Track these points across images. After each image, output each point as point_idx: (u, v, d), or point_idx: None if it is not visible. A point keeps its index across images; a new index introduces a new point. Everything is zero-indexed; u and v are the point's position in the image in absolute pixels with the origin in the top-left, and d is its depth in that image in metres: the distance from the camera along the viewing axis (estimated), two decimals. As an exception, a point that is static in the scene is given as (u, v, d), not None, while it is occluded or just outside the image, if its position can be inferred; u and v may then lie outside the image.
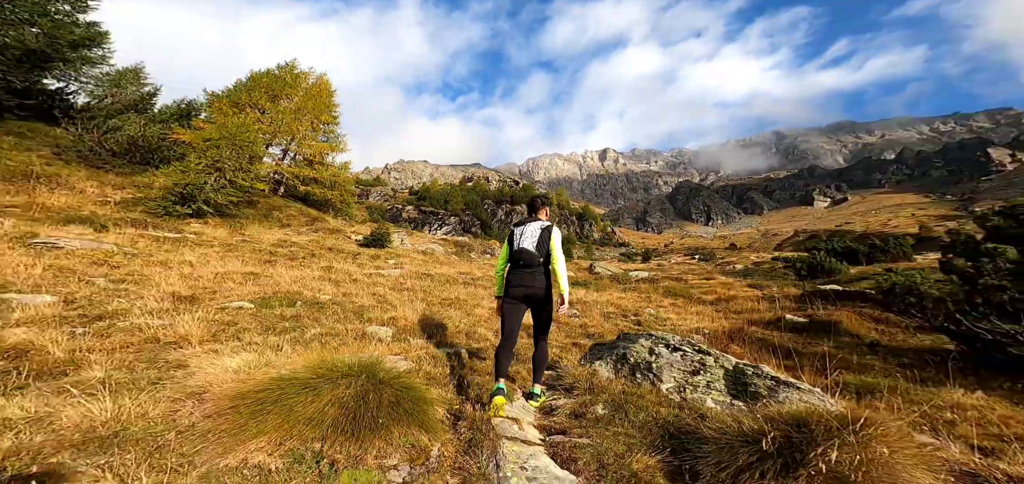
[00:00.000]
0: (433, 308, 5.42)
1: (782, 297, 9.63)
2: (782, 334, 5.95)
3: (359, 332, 3.49)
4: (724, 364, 2.67)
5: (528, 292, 2.75)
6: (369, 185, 77.59)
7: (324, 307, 4.22)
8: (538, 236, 2.75)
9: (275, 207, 18.40)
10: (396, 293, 5.89)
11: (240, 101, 24.11)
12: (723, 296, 10.72)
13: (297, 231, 15.28)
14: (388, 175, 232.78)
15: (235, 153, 16.20)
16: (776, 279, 17.46)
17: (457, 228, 63.33)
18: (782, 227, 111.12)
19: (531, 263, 2.72)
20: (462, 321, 4.84)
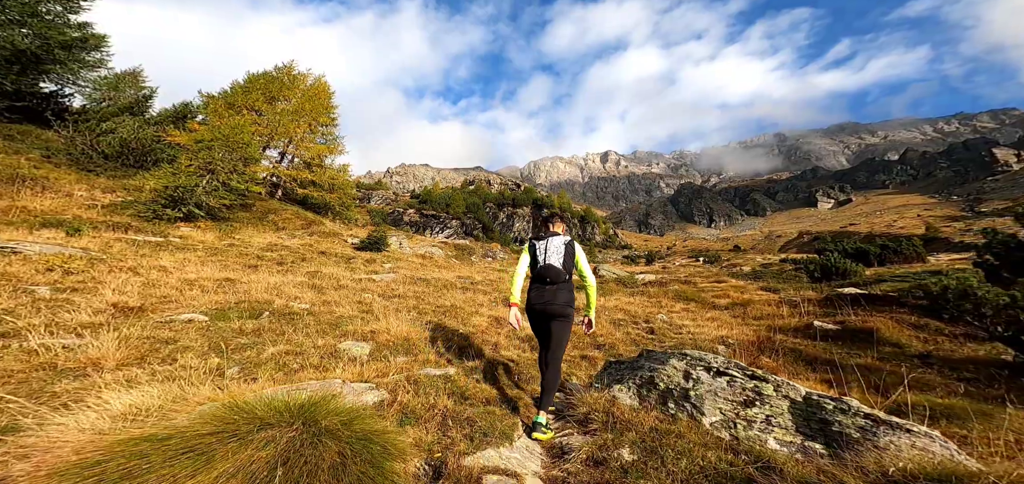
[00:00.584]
0: (425, 317, 4.86)
1: (803, 301, 8.99)
2: (814, 343, 5.34)
3: (329, 349, 2.93)
4: (789, 394, 2.07)
5: (548, 308, 2.70)
6: (370, 189, 77.48)
7: (296, 318, 3.67)
8: (564, 252, 2.75)
9: (271, 210, 17.93)
10: (385, 301, 5.34)
11: (236, 103, 23.78)
12: (737, 300, 10.08)
13: (292, 234, 14.79)
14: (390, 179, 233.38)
15: (228, 155, 15.75)
16: (788, 282, 16.76)
17: (458, 231, 62.99)
18: (785, 229, 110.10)
19: (557, 280, 2.70)
20: (457, 333, 4.27)
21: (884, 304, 7.64)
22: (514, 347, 4.56)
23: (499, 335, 4.77)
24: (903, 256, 24.57)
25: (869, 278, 14.26)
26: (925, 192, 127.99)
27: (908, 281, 12.36)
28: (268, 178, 24.39)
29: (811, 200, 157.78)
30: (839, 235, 61.26)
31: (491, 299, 7.78)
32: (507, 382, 3.20)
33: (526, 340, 4.83)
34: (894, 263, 22.34)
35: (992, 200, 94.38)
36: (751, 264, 33.67)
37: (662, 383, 2.38)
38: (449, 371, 2.92)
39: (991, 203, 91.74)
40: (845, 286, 12.94)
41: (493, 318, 5.61)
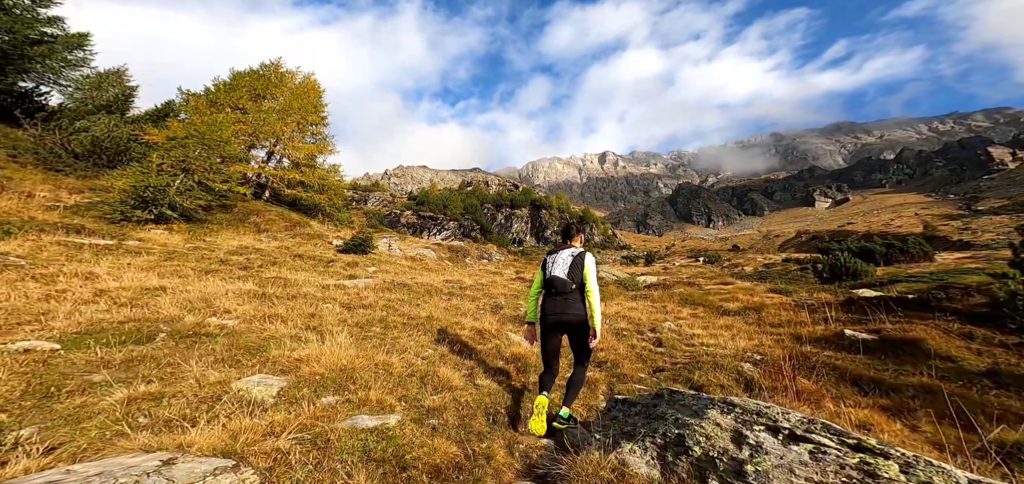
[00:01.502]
0: (390, 334, 4.05)
1: (820, 305, 8.23)
2: (852, 357, 4.56)
3: (217, 391, 2.10)
4: (935, 481, 1.20)
5: (561, 319, 2.74)
6: (367, 190, 76.90)
7: (204, 341, 2.85)
8: (570, 263, 2.75)
9: (254, 212, 17.07)
10: (346, 312, 4.54)
11: (219, 101, 22.94)
12: (748, 303, 9.32)
13: (274, 237, 13.94)
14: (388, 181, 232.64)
15: (205, 153, 14.90)
16: (795, 282, 16.07)
17: (456, 233, 62.35)
18: (783, 228, 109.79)
19: (563, 290, 2.71)
20: (420, 357, 3.46)
21: (914, 308, 6.89)
22: (498, 368, 3.74)
23: (482, 354, 3.96)
24: (910, 255, 23.85)
25: (882, 278, 13.53)
26: (922, 191, 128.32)
27: (925, 282, 11.60)
28: (254, 179, 23.54)
29: (808, 199, 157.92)
30: (837, 234, 60.78)
31: (479, 307, 6.97)
32: (482, 426, 2.40)
33: (511, 360, 4.03)
34: (900, 262, 21.67)
35: (989, 199, 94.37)
36: (752, 264, 33.03)
37: (698, 447, 1.58)
38: (389, 420, 2.10)
39: (988, 201, 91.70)
40: (859, 287, 12.20)
41: (477, 331, 4.80)
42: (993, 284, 9.71)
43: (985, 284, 10.00)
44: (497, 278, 12.58)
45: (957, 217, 79.56)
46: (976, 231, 57.48)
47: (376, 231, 34.98)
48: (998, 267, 13.59)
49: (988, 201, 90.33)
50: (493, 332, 4.80)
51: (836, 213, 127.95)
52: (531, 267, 19.07)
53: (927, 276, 12.47)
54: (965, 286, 10.06)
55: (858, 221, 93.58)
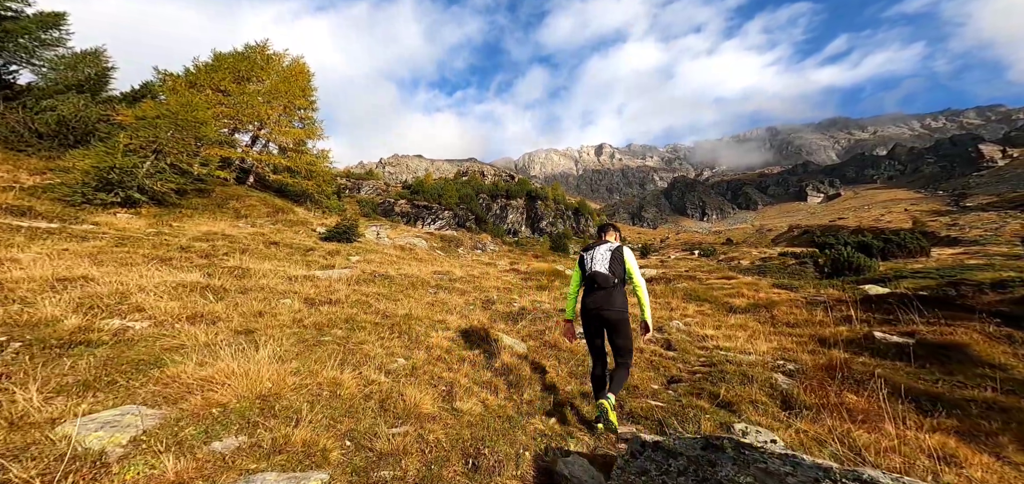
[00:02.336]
0: (355, 337, 3.39)
1: (833, 302, 7.72)
2: (891, 364, 4.01)
3: (25, 443, 1.37)
4: None
5: (601, 313, 2.71)
6: (361, 179, 75.61)
7: (76, 353, 2.11)
8: (610, 257, 2.78)
9: (234, 197, 16.13)
10: (309, 310, 3.86)
11: (199, 82, 21.75)
12: (755, 299, 8.80)
13: (253, 223, 13.10)
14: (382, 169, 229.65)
15: (179, 134, 13.91)
16: (794, 277, 15.69)
17: (451, 222, 61.63)
18: (776, 222, 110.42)
19: (604, 285, 2.72)
20: (386, 370, 2.79)
21: (935, 307, 6.37)
22: (485, 382, 3.10)
23: (466, 363, 3.32)
24: (907, 250, 23.61)
25: (886, 273, 13.14)
26: (912, 187, 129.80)
27: (932, 278, 11.18)
28: (237, 163, 22.46)
29: (801, 194, 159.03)
30: (828, 229, 60.97)
31: (468, 302, 6.32)
32: (459, 476, 1.76)
33: (502, 371, 3.39)
34: (898, 257, 21.43)
35: (977, 195, 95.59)
36: (748, 258, 32.80)
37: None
38: (310, 481, 1.41)
39: (976, 198, 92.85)
40: (863, 282, 11.77)
41: (462, 333, 4.16)
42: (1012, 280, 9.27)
43: (998, 280, 9.57)
44: (490, 269, 11.94)
45: (945, 213, 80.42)
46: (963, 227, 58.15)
47: (369, 219, 34.08)
48: (999, 264, 13.25)
49: (977, 197, 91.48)
50: (482, 333, 4.17)
51: (828, 208, 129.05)
52: (525, 258, 18.46)
53: (933, 272, 12.07)
54: (977, 283, 9.61)
55: (849, 216, 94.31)
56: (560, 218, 74.53)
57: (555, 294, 8.46)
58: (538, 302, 7.01)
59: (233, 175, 21.04)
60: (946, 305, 6.95)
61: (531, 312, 6.09)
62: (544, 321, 5.57)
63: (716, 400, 3.08)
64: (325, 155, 26.11)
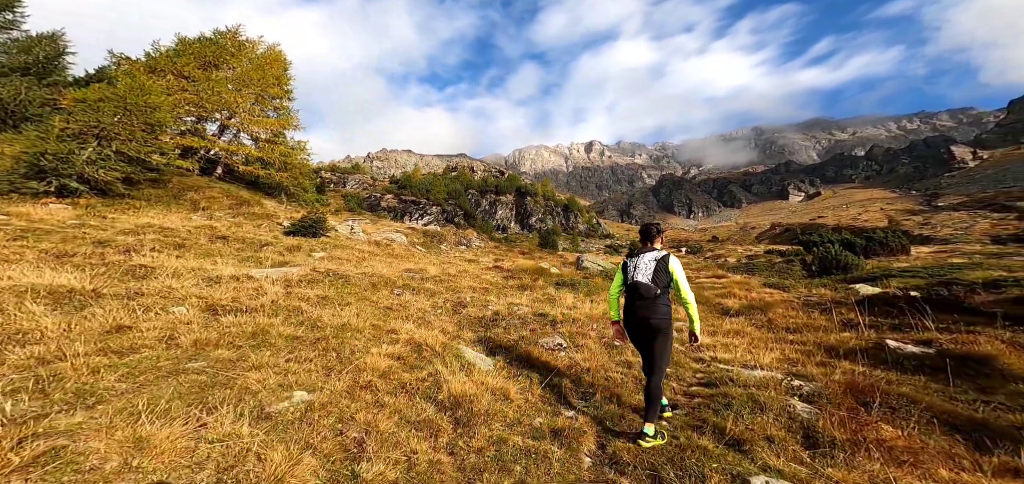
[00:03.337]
0: (250, 360, 2.61)
1: (829, 304, 7.27)
2: (913, 379, 3.45)
3: None
4: None
5: (643, 321, 2.72)
6: (347, 172, 73.86)
7: None
8: (653, 268, 2.74)
9: (194, 187, 14.90)
10: (207, 321, 3.06)
11: (160, 67, 20.29)
12: (747, 300, 8.33)
13: (210, 215, 11.99)
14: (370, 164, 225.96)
15: (127, 119, 12.63)
16: (781, 274, 15.48)
17: (438, 218, 60.62)
18: (759, 220, 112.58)
19: (647, 295, 2.71)
20: (259, 419, 1.98)
21: (945, 309, 5.93)
22: (420, 422, 2.38)
23: (402, 393, 2.58)
24: (889, 249, 23.84)
25: (874, 272, 12.94)
26: (887, 187, 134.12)
27: (921, 277, 10.93)
28: (202, 153, 21.02)
29: (783, 193, 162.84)
30: (808, 227, 62.22)
31: (435, 305, 5.57)
32: None
33: (448, 405, 2.66)
34: (880, 255, 21.59)
35: (949, 195, 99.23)
36: (734, 255, 32.91)
37: None
38: None
39: (948, 198, 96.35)
40: (851, 281, 11.49)
41: (413, 347, 3.42)
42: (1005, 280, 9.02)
43: (990, 280, 9.32)
44: (471, 267, 11.19)
45: (918, 212, 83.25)
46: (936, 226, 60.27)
47: (351, 213, 32.85)
48: (985, 262, 13.20)
49: (948, 197, 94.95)
50: (437, 348, 3.45)
51: (808, 206, 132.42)
52: (511, 255, 17.77)
53: (921, 271, 11.86)
54: (969, 282, 9.33)
55: (828, 215, 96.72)
56: (549, 215, 74.16)
57: (537, 295, 7.78)
58: (516, 305, 6.31)
59: (197, 165, 19.66)
60: (952, 307, 6.53)
61: (506, 318, 5.38)
62: (520, 328, 4.88)
63: (722, 436, 2.43)
64: (302, 146, 24.86)
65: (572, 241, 52.09)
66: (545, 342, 4.46)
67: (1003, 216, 60.61)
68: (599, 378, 3.59)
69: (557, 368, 3.78)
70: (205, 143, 20.62)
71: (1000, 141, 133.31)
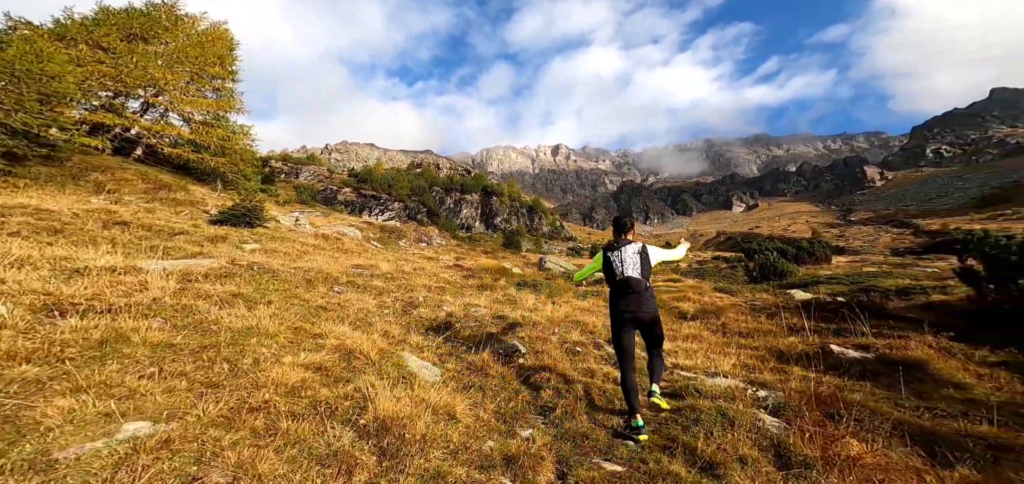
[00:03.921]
0: (69, 381, 1.93)
1: (774, 308, 7.65)
2: (860, 385, 3.52)
3: None
4: None
5: (636, 316, 2.77)
6: (301, 163, 68.92)
7: None
8: (640, 262, 2.81)
9: (100, 168, 12.75)
10: (19, 328, 2.30)
11: (71, 35, 17.39)
12: (702, 304, 8.57)
13: (118, 199, 10.23)
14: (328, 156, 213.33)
15: (14, 87, 10.47)
16: (729, 280, 16.47)
17: (400, 214, 58.32)
18: (707, 228, 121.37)
19: (638, 289, 2.76)
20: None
21: (875, 315, 6.39)
22: (326, 459, 1.88)
23: (305, 419, 2.05)
24: (814, 257, 26.46)
25: (805, 278, 14.10)
26: (813, 201, 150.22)
27: (843, 284, 12.05)
28: (118, 132, 18.23)
29: (728, 203, 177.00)
30: (747, 236, 68.08)
31: (382, 305, 4.98)
32: None
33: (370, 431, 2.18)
34: (808, 263, 23.88)
35: (860, 210, 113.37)
36: (686, 260, 34.93)
37: None
38: None
39: (859, 213, 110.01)
40: (787, 286, 12.40)
41: (344, 354, 2.87)
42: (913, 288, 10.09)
43: (901, 288, 10.42)
44: (429, 265, 10.56)
45: (836, 225, 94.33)
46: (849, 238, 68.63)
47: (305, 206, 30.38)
48: (886, 270, 14.92)
49: (859, 213, 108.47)
50: (373, 355, 2.94)
51: (748, 217, 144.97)
52: (474, 254, 17.27)
53: (843, 278, 13.07)
54: (883, 289, 10.38)
55: (763, 225, 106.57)
56: (515, 215, 74.32)
57: (497, 296, 7.40)
58: (474, 306, 5.88)
59: (110, 145, 17.00)
60: (876, 312, 7.07)
61: (461, 320, 4.94)
62: (475, 332, 4.46)
63: (694, 459, 2.19)
64: (246, 131, 22.55)
65: (536, 242, 52.55)
66: (503, 349, 4.09)
67: (901, 231, 70.44)
68: (561, 389, 3.27)
69: (514, 377, 3.41)
70: (122, 121, 17.88)
71: (903, 164, 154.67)
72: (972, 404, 3.24)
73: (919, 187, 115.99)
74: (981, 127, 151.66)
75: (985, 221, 56.80)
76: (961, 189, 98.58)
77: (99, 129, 17.31)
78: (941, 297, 7.71)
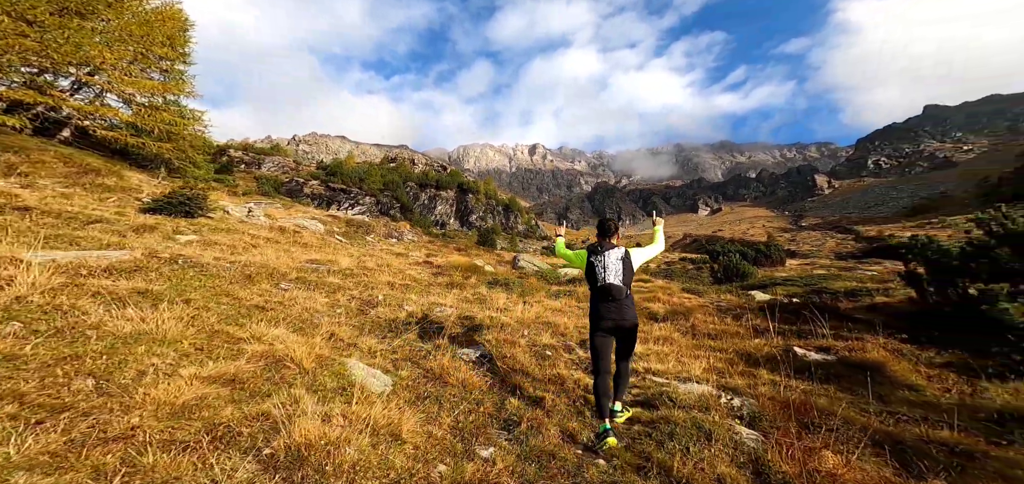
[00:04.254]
0: None
1: (739, 310, 7.82)
2: (825, 389, 3.51)
3: None
4: None
5: (617, 324, 2.76)
6: (264, 153, 65.01)
7: None
8: (623, 269, 2.79)
9: (13, 148, 11.10)
10: None
11: (-6, 6, 15.08)
12: (671, 305, 8.66)
13: (30, 183, 8.89)
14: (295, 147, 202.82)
15: None
16: (696, 280, 17.04)
17: (372, 209, 56.20)
18: (675, 230, 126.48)
19: (619, 297, 2.75)
20: None
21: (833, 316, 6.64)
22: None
23: (196, 451, 1.65)
24: (771, 260, 28.09)
25: (763, 280, 14.80)
26: (770, 207, 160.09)
27: (798, 285, 12.71)
28: (43, 111, 16.10)
29: (694, 206, 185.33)
30: (710, 239, 71.58)
31: (334, 304, 4.51)
32: None
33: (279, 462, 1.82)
34: (764, 265, 25.31)
35: (810, 217, 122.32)
36: (655, 261, 36.11)
37: None
38: None
39: (809, 219, 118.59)
40: (748, 287, 12.93)
41: (271, 362, 2.45)
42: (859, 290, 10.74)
43: (849, 289, 11.09)
44: (396, 261, 10.01)
45: (789, 230, 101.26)
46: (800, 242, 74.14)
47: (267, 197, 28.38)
48: (834, 273, 15.98)
49: (809, 219, 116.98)
50: (308, 363, 2.54)
51: (712, 220, 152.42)
52: (446, 251, 16.75)
53: (798, 280, 13.80)
54: (834, 291, 11.00)
55: (726, 228, 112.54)
56: (490, 213, 73.82)
57: (466, 294, 7.06)
58: (440, 305, 5.51)
59: (30, 124, 14.98)
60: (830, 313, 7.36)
61: (423, 320, 4.56)
62: (438, 335, 4.12)
63: (669, 478, 1.99)
64: (197, 116, 20.70)
65: (511, 241, 52.43)
66: (466, 353, 3.78)
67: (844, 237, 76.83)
68: (527, 399, 3.00)
69: (477, 386, 3.11)
70: (46, 99, 15.77)
71: (848, 173, 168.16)
72: (928, 407, 3.29)
73: (861, 196, 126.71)
74: (914, 141, 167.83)
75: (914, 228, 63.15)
76: (895, 199, 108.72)
77: (18, 107, 15.20)
78: (884, 299, 8.17)
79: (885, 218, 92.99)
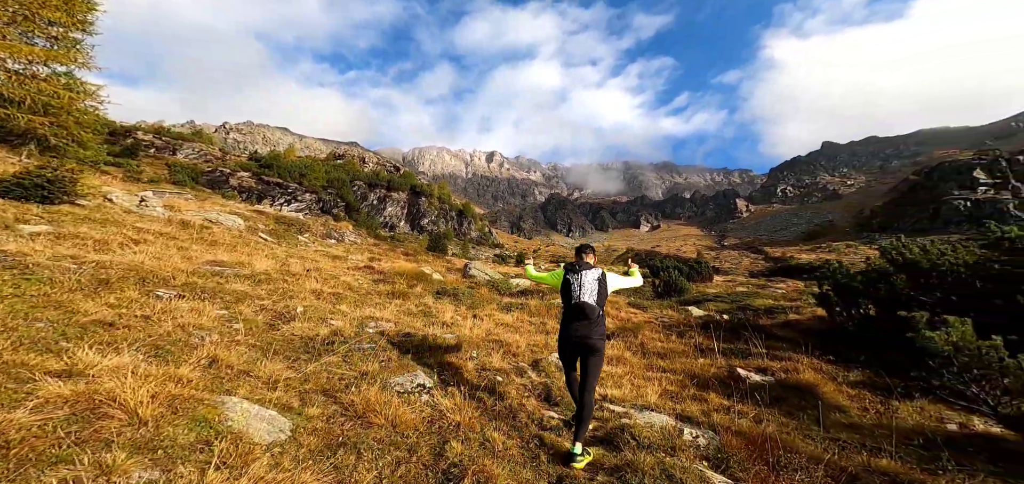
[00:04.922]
0: None
1: (680, 326, 8.09)
2: (770, 413, 3.51)
3: None
4: None
5: (584, 342, 2.80)
6: (181, 138, 56.55)
7: None
8: (597, 289, 2.84)
9: None
10: None
11: None
12: (619, 320, 8.77)
13: None
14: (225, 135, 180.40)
15: None
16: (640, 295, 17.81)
17: (313, 206, 51.42)
18: (619, 244, 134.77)
19: (590, 316, 2.79)
20: None
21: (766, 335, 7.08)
22: None
23: None
24: (702, 276, 30.68)
25: (697, 296, 15.96)
26: (699, 227, 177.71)
27: (726, 302, 13.88)
28: None
29: (637, 222, 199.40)
30: (649, 254, 77.48)
31: (229, 317, 3.60)
32: None
33: None
34: (696, 281, 27.59)
35: (731, 237, 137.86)
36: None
37: None
38: None
39: (730, 239, 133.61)
40: (685, 302, 13.82)
41: (89, 404, 1.68)
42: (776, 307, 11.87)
43: (769, 307, 12.23)
44: (331, 265, 8.89)
45: (714, 249, 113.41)
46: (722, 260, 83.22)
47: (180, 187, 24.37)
48: (753, 290, 17.81)
49: (730, 239, 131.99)
50: (143, 411, 1.79)
51: (652, 236, 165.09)
52: (392, 255, 15.57)
53: (726, 297, 15.03)
54: (756, 308, 12.10)
55: (663, 244, 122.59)
56: (443, 218, 71.85)
57: (410, 306, 6.36)
58: (375, 320, 4.78)
59: None
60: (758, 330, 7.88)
61: (351, 339, 3.84)
62: (368, 359, 3.44)
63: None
64: (90, 90, 17.22)
65: (463, 247, 51.39)
66: (401, 381, 3.17)
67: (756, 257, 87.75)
68: (473, 445, 2.50)
69: (413, 424, 2.55)
70: None
71: (762, 199, 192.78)
72: (855, 428, 3.41)
73: (771, 220, 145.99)
74: (813, 173, 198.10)
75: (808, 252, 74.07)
76: (796, 224, 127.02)
77: None
78: (796, 316, 9.01)
79: (788, 241, 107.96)
